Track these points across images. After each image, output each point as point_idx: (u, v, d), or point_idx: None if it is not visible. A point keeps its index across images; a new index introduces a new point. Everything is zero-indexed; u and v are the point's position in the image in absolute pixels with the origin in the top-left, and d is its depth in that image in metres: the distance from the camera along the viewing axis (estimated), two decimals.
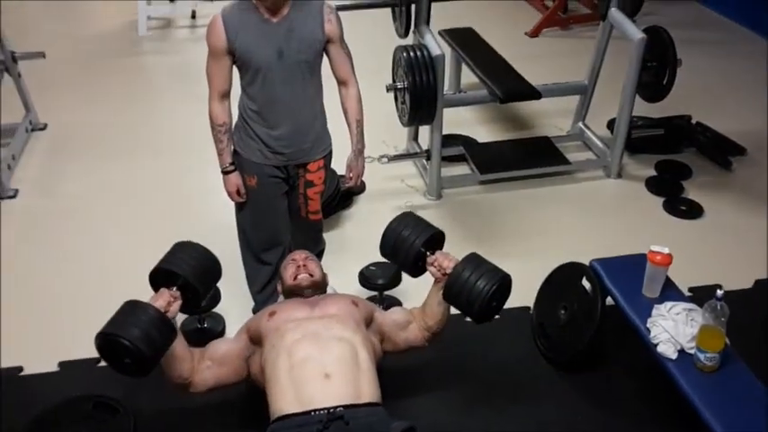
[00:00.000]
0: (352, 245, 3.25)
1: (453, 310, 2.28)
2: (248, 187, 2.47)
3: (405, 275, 2.81)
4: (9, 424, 2.33)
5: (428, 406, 2.42)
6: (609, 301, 2.50)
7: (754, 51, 5.32)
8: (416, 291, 2.51)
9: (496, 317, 2.79)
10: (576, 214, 3.55)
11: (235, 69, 2.36)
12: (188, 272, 2.12)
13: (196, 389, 2.15)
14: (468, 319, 2.25)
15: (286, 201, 2.55)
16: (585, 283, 2.54)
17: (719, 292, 2.07)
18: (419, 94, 3.25)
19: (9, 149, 3.87)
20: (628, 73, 3.56)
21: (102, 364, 2.59)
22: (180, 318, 2.74)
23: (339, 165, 2.69)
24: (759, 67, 4.99)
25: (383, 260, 2.88)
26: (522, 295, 2.83)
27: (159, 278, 2.14)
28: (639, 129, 3.99)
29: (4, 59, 4.04)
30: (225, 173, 2.46)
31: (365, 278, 2.84)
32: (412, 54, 3.25)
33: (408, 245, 2.27)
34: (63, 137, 4.25)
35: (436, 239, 2.31)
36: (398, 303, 2.83)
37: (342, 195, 3.48)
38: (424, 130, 3.75)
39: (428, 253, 2.27)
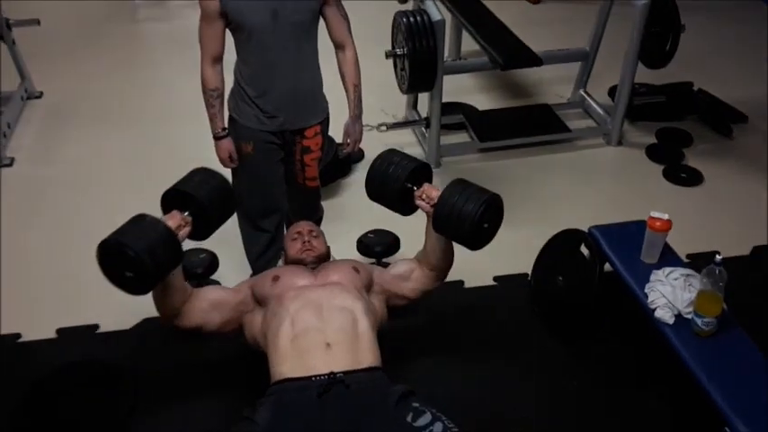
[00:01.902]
0: (351, 213, 3.24)
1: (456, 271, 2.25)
2: (244, 153, 2.44)
3: (403, 241, 2.82)
4: (8, 390, 2.34)
5: (427, 371, 2.43)
6: (607, 267, 2.50)
7: (757, 18, 5.25)
8: (413, 253, 2.50)
9: (494, 281, 2.84)
10: (575, 182, 3.54)
11: (229, 35, 2.32)
12: (204, 198, 2.00)
13: (180, 323, 2.09)
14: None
15: (282, 167, 2.53)
16: (584, 250, 2.54)
17: (718, 257, 2.06)
18: (419, 60, 3.21)
19: (4, 118, 3.83)
20: (630, 39, 3.52)
21: (101, 330, 2.63)
22: None
23: (336, 132, 2.67)
24: (762, 34, 4.92)
25: (381, 228, 2.90)
26: (521, 262, 2.85)
27: (172, 200, 2.02)
28: (641, 96, 3.96)
29: None
30: (217, 138, 2.42)
31: (364, 246, 2.84)
32: (412, 19, 3.20)
33: (393, 181, 2.15)
34: (59, 105, 4.21)
35: (422, 173, 2.20)
36: None
37: (340, 163, 3.45)
38: (424, 98, 3.71)
39: (414, 187, 2.16)
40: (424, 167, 2.21)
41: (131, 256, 1.79)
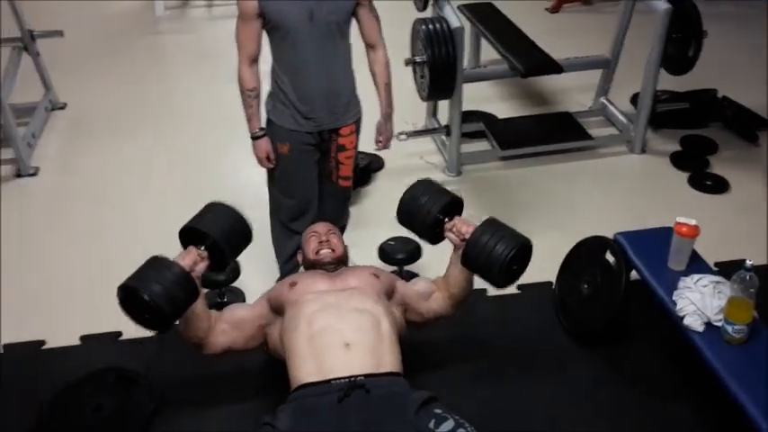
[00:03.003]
0: (372, 220, 3.23)
1: (478, 281, 2.24)
2: (280, 155, 2.46)
3: (425, 249, 2.80)
4: (32, 397, 2.34)
5: (449, 379, 2.40)
6: (633, 275, 2.46)
7: None
8: (436, 265, 2.47)
9: (517, 289, 2.80)
10: (598, 190, 3.50)
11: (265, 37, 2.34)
12: (218, 233, 2.07)
13: (209, 349, 2.14)
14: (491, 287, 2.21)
15: (317, 169, 2.54)
16: (609, 257, 2.50)
17: (749, 263, 2.02)
18: (439, 67, 3.20)
19: (29, 128, 3.88)
20: (652, 45, 3.49)
21: (124, 337, 2.64)
22: None
23: (362, 133, 2.65)
24: None
25: (402, 235, 2.87)
26: (545, 270, 2.80)
27: (188, 236, 2.09)
28: (664, 103, 3.92)
29: (22, 37, 4.06)
30: (254, 138, 2.45)
31: (385, 253, 2.82)
32: (431, 27, 3.20)
33: (425, 212, 2.20)
34: (82, 115, 4.26)
35: (454, 205, 2.24)
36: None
37: (360, 172, 3.45)
38: (443, 107, 3.70)
39: (446, 219, 2.20)
40: (457, 201, 2.25)
41: (147, 301, 1.87)
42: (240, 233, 2.16)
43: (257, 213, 2.74)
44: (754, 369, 2.02)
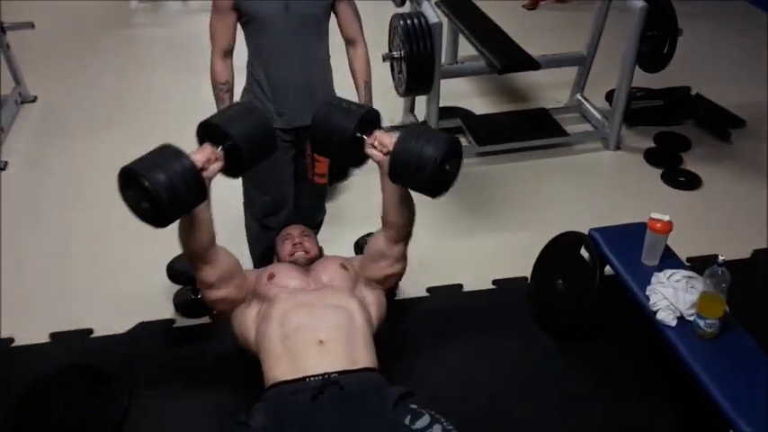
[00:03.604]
0: (348, 216, 3.22)
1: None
2: None
3: None
4: (1, 395, 2.30)
5: (426, 374, 2.40)
6: (607, 270, 2.48)
7: (753, 24, 5.28)
8: (412, 257, 2.47)
9: (493, 284, 2.81)
10: (574, 186, 3.52)
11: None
12: (240, 137, 1.90)
13: (207, 269, 2.03)
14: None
15: (293, 165, 2.51)
16: (584, 253, 2.51)
17: (721, 258, 2.04)
18: (416, 62, 3.19)
19: None
20: (627, 42, 3.51)
21: (95, 334, 2.59)
22: (173, 288, 2.72)
23: None
24: (758, 39, 4.95)
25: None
26: (520, 265, 2.82)
27: (207, 132, 1.93)
28: (639, 100, 3.95)
29: None
30: None
31: (361, 249, 2.81)
32: (409, 22, 3.19)
33: (341, 131, 1.99)
34: (53, 109, 4.19)
35: (371, 120, 2.04)
36: None
37: (337, 167, 3.43)
38: (421, 103, 3.69)
39: (364, 136, 2.02)
40: (373, 113, 2.07)
41: (146, 187, 1.72)
42: (264, 142, 2.01)
43: (232, 209, 2.73)
44: (725, 363, 2.04)
